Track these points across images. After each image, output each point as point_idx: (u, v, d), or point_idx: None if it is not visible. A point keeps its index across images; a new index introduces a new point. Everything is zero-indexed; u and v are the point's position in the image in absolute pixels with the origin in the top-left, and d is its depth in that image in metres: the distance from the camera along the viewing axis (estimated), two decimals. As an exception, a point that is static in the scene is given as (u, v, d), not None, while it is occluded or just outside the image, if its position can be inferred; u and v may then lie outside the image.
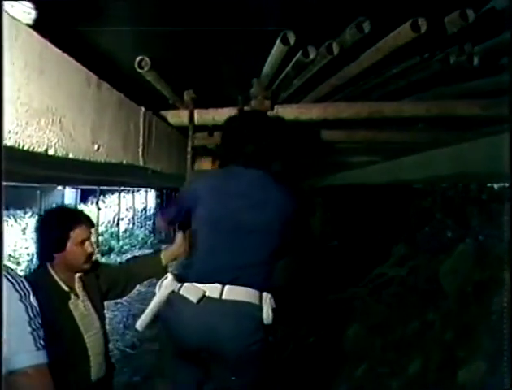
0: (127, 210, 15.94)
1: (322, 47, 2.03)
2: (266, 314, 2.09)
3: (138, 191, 15.61)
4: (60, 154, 1.45)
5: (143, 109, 2.31)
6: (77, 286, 2.27)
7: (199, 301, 2.06)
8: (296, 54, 2.03)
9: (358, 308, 6.62)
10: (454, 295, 5.02)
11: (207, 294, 2.07)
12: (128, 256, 12.22)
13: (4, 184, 1.13)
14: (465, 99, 2.64)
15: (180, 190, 2.64)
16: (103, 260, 11.18)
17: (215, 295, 2.06)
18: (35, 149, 1.31)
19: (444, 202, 7.43)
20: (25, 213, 12.33)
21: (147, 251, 12.57)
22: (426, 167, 4.18)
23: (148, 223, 15.83)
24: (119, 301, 7.26)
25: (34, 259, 10.19)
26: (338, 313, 6.63)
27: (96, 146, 1.72)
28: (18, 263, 9.70)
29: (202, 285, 2.09)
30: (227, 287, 2.07)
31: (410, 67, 2.29)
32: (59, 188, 13.26)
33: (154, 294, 2.23)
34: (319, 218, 9.60)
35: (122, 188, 13.55)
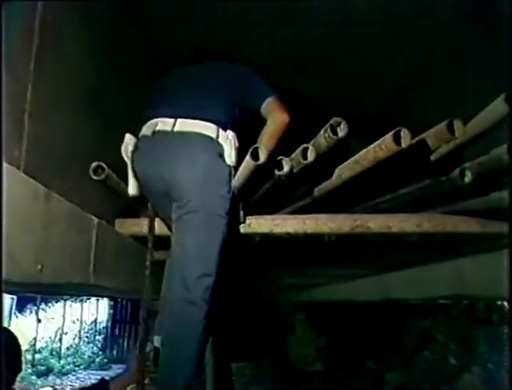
0: (73, 322, 15.51)
1: (297, 151, 2.15)
2: (228, 152, 2.39)
3: (88, 299, 15.27)
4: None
5: (96, 220, 2.37)
6: None
7: (153, 134, 2.45)
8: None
9: None
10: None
11: (159, 128, 2.45)
12: (71, 378, 11.77)
13: None
14: (461, 215, 2.74)
15: None
16: (39, 382, 10.74)
17: (167, 128, 2.43)
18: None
19: (447, 323, 7.39)
20: None
21: (93, 372, 12.13)
22: (419, 285, 4.23)
23: (97, 337, 15.36)
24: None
25: None
26: None
27: (39, 267, 1.75)
28: None
29: (156, 120, 2.48)
30: (179, 120, 2.42)
31: (397, 182, 2.42)
32: (-8, 293, 12.89)
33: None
34: (301, 337, 9.48)
35: (67, 296, 13.24)
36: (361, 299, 6.08)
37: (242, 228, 2.75)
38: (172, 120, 2.44)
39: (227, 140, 2.41)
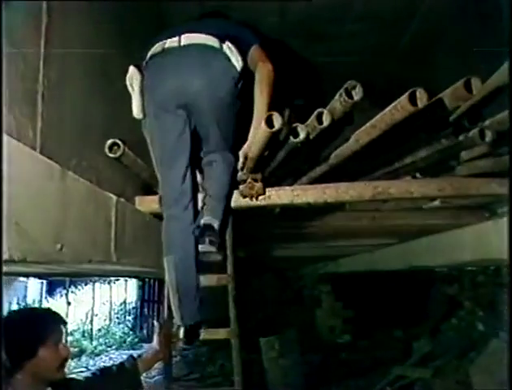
0: (103, 303, 15.74)
1: (312, 117, 2.12)
2: (235, 58, 2.52)
3: (117, 280, 15.45)
4: (16, 259, 1.48)
5: (115, 198, 2.37)
6: None
7: (163, 51, 2.57)
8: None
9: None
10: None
11: (167, 45, 2.56)
12: (103, 358, 11.96)
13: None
14: (481, 177, 2.69)
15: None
16: (72, 364, 10.94)
17: (174, 44, 2.55)
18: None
19: (474, 289, 7.34)
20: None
21: (125, 352, 12.29)
22: (444, 252, 4.18)
23: (127, 318, 15.58)
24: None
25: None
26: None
27: (59, 246, 1.75)
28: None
29: (163, 41, 2.60)
30: (183, 35, 2.56)
31: (416, 144, 2.38)
32: (22, 279, 13.11)
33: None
34: (328, 309, 9.51)
35: (96, 278, 13.41)
36: (386, 268, 6.05)
37: (262, 200, 2.75)
38: (177, 37, 2.56)
39: (229, 49, 2.54)
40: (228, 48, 2.54)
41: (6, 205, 1.41)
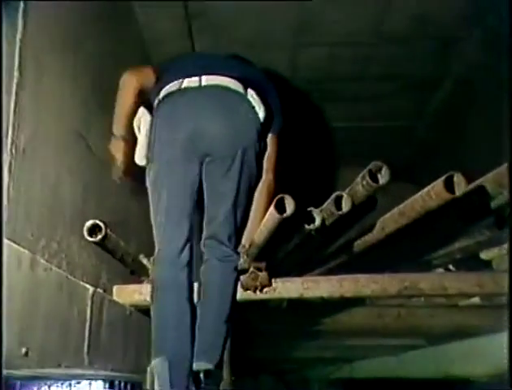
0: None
1: (329, 201, 2.16)
2: (258, 106, 2.71)
3: (78, 384, 15.11)
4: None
5: (91, 289, 2.39)
6: None
7: (179, 90, 2.70)
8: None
9: None
10: None
11: (185, 85, 2.71)
12: None
13: None
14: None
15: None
16: None
17: (194, 84, 2.70)
18: None
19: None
20: None
21: None
22: (485, 359, 4.14)
23: (89, 428, 15.15)
24: None
25: None
26: None
27: (24, 350, 1.77)
28: None
29: (180, 80, 2.73)
30: (204, 76, 2.71)
31: (451, 233, 2.42)
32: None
33: None
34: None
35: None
36: (413, 376, 5.95)
37: (267, 293, 2.76)
38: (197, 77, 2.71)
39: (252, 97, 2.73)
40: (251, 95, 2.72)
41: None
